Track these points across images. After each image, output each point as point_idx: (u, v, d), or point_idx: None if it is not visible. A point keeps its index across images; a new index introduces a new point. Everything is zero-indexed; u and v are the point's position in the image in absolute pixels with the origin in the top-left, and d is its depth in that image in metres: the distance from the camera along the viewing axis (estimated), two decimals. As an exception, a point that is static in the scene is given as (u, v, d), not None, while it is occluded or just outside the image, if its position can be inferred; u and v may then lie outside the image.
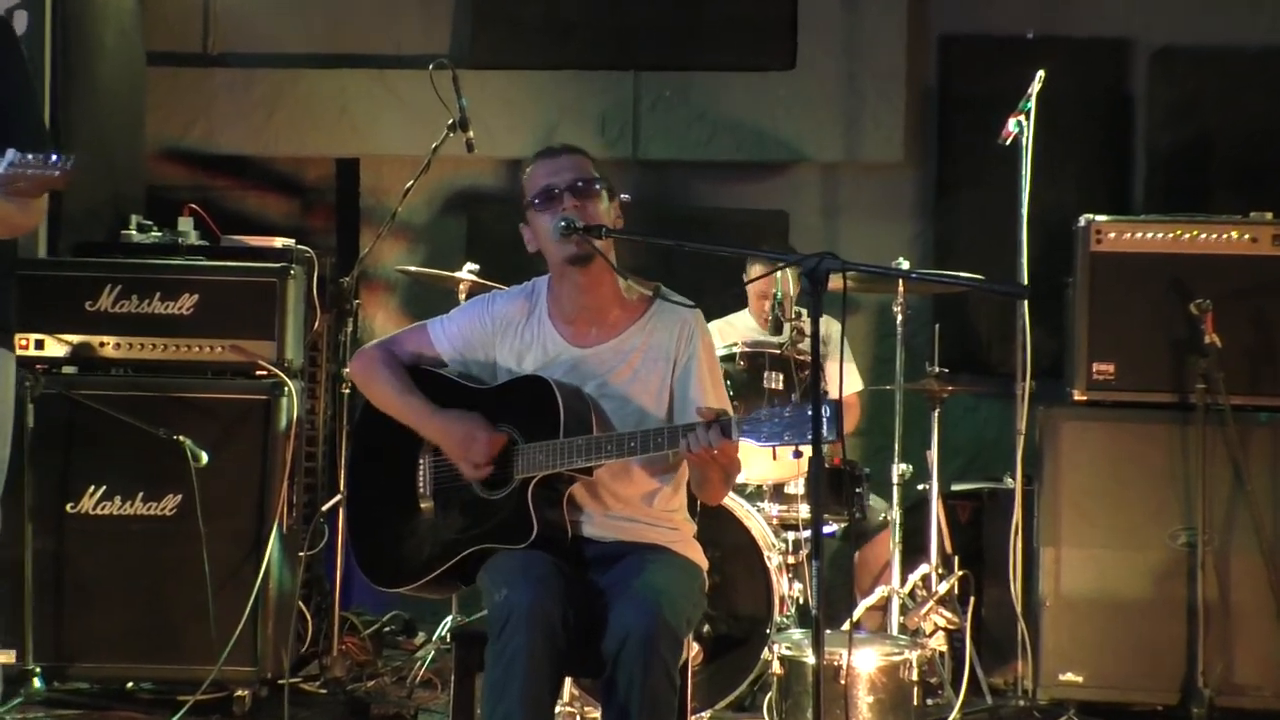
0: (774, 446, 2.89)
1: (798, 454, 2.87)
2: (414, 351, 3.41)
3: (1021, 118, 4.52)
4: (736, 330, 5.37)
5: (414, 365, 3.39)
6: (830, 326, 5.18)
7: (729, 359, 4.56)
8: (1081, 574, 4.45)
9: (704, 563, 3.36)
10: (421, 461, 3.33)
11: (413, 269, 5.46)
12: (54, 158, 3.05)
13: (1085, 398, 4.51)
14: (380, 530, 3.39)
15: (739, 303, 5.54)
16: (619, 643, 2.95)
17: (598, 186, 3.24)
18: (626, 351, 3.27)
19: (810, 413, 2.81)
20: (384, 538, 3.37)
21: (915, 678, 4.06)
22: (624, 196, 3.41)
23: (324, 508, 4.77)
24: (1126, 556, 4.43)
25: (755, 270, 5.38)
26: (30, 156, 3.04)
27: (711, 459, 3.02)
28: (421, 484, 3.32)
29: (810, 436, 2.80)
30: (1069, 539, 4.47)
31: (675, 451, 3.03)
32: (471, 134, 4.71)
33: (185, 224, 4.80)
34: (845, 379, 5.25)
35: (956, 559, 4.74)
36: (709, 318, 5.39)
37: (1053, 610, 4.46)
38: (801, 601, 4.51)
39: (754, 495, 4.71)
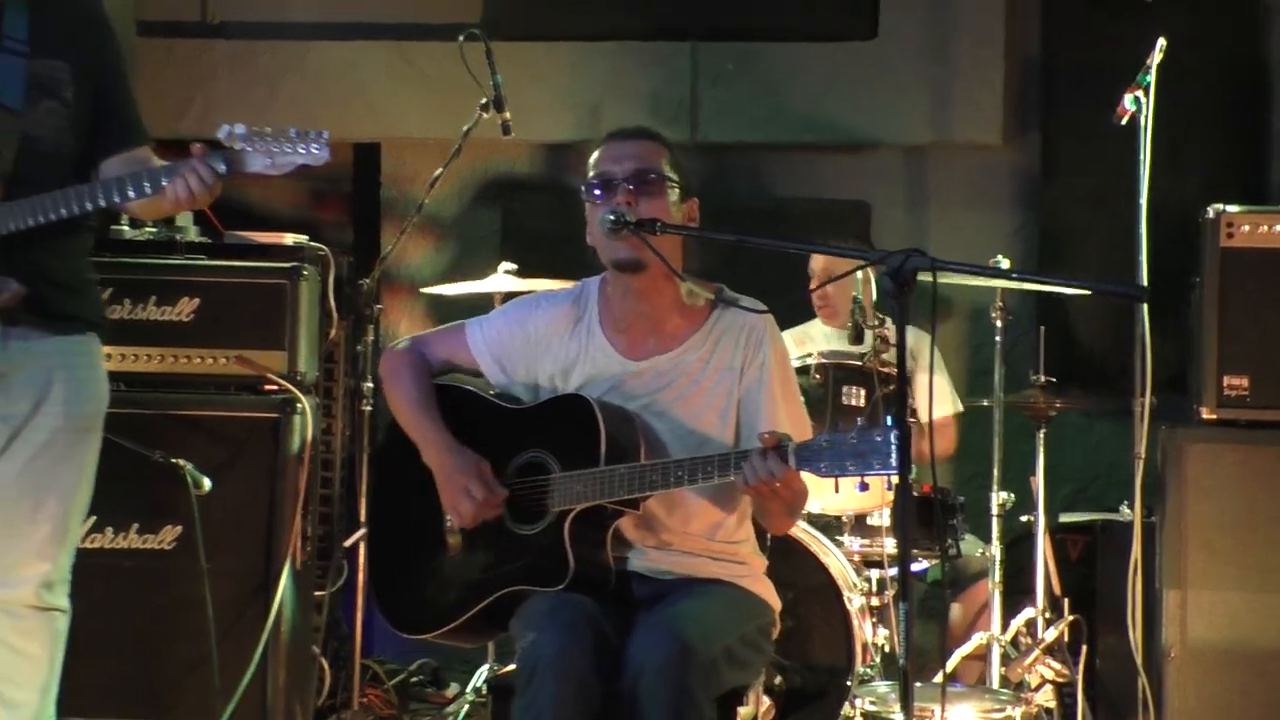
0: (836, 478, 2.91)
1: (864, 486, 2.88)
2: (447, 355, 3.46)
3: (1140, 93, 4.49)
4: (812, 340, 5.37)
5: (447, 371, 3.44)
6: (921, 340, 5.17)
7: (803, 371, 4.57)
8: (1212, 620, 4.41)
9: (776, 603, 3.37)
10: (448, 489, 3.36)
11: (436, 290, 5.44)
12: (310, 133, 3.01)
13: (1215, 416, 4.47)
14: (403, 569, 3.41)
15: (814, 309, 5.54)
16: (634, 678, 2.94)
17: (661, 179, 3.24)
18: (687, 365, 3.29)
19: (879, 439, 2.84)
20: (407, 577, 3.40)
21: (1019, 738, 4.05)
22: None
23: (345, 543, 4.79)
24: (1265, 600, 4.39)
25: (818, 270, 5.39)
26: (275, 133, 3.00)
27: (773, 492, 3.03)
28: (448, 516, 3.33)
29: (878, 466, 2.83)
30: (1197, 580, 4.43)
31: (729, 482, 3.03)
32: (508, 115, 4.73)
33: (184, 218, 4.84)
34: (935, 398, 5.29)
35: (1066, 601, 4.72)
36: (779, 327, 5.46)
37: (1178, 662, 4.42)
38: (887, 650, 4.51)
39: (832, 528, 4.71)
